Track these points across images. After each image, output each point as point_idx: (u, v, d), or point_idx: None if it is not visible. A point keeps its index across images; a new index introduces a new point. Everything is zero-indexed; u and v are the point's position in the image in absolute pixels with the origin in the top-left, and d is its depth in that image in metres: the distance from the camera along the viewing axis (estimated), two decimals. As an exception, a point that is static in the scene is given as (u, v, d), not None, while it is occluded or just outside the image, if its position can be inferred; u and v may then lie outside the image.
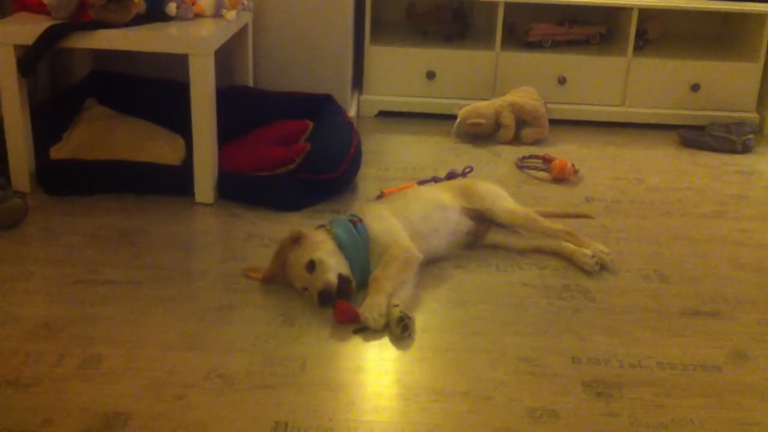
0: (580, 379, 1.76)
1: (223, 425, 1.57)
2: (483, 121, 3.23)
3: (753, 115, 3.47)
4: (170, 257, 2.22)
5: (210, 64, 2.44)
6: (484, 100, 3.34)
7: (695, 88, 3.44)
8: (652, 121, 3.49)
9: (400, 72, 3.48)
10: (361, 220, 2.13)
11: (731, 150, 3.23)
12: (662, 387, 1.75)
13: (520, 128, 3.26)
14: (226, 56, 2.94)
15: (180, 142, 2.70)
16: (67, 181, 2.55)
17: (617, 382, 1.76)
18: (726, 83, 3.45)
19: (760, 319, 2.04)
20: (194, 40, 2.43)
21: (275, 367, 1.75)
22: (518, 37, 3.57)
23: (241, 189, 2.56)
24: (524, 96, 3.30)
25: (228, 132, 2.71)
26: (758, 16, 3.42)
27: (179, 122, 2.61)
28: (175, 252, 2.25)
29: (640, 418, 1.64)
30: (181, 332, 1.87)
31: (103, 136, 2.66)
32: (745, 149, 3.24)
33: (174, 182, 2.55)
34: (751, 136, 3.26)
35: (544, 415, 1.64)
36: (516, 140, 3.24)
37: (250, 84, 3.08)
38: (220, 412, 1.61)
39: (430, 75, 3.47)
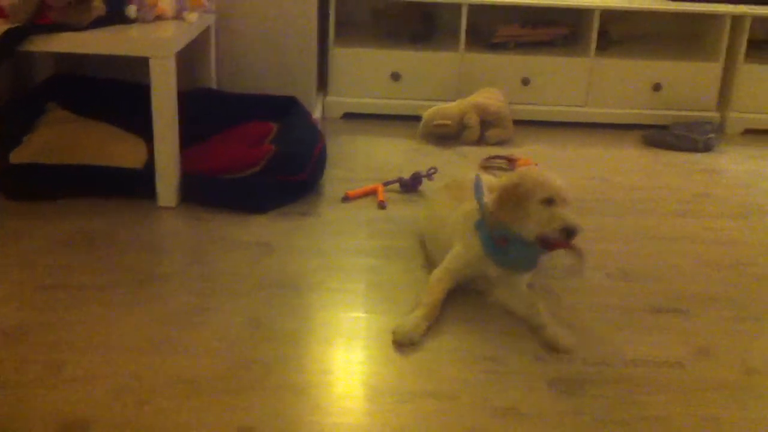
0: (545, 378, 1.77)
1: (187, 431, 1.55)
2: (448, 122, 3.23)
3: (714, 115, 3.52)
4: (134, 261, 2.19)
5: (171, 66, 2.41)
6: (449, 101, 3.35)
7: (657, 88, 3.49)
8: (616, 121, 3.53)
9: (365, 74, 3.47)
10: None
11: (693, 149, 3.27)
12: (627, 384, 1.76)
13: (484, 129, 3.27)
14: (189, 59, 2.91)
15: (142, 145, 2.66)
16: (27, 185, 2.51)
17: (582, 380, 1.76)
18: (687, 83, 3.49)
19: (724, 316, 2.06)
20: (155, 43, 2.41)
21: (240, 371, 1.74)
22: (483, 38, 3.59)
23: (205, 192, 2.54)
24: (489, 97, 3.31)
25: (192, 134, 2.68)
26: (718, 17, 3.47)
27: (142, 125, 2.58)
28: (139, 256, 2.22)
29: (604, 416, 1.65)
30: (145, 337, 1.85)
31: (65, 139, 2.62)
32: (707, 148, 3.28)
33: (137, 186, 2.52)
34: (712, 135, 3.31)
35: (509, 414, 1.65)
36: (481, 141, 3.26)
37: (214, 86, 3.05)
38: (184, 418, 1.59)
39: (395, 76, 3.47)
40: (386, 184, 2.75)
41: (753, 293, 2.18)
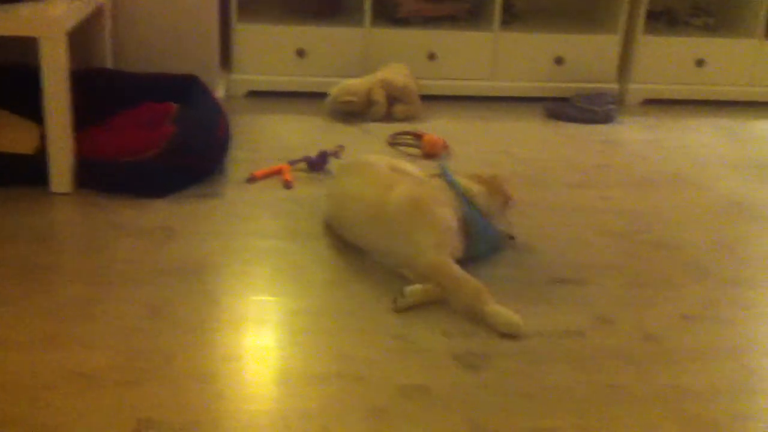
0: (451, 353, 1.78)
1: (84, 426, 1.50)
2: (354, 98, 3.21)
3: (613, 86, 3.59)
4: (25, 252, 2.10)
5: (62, 46, 2.32)
6: (355, 77, 3.32)
7: (559, 61, 3.54)
8: (520, 94, 3.57)
9: (269, 50, 3.41)
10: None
11: (594, 120, 3.34)
12: (530, 355, 1.79)
13: (391, 105, 3.26)
14: (83, 37, 2.81)
15: (34, 129, 2.56)
16: None
17: (486, 353, 1.78)
18: (588, 55, 3.55)
19: (622, 284, 2.11)
20: (45, 22, 2.30)
21: (139, 361, 1.69)
22: (388, 13, 3.57)
23: (102, 177, 2.45)
24: (395, 73, 3.30)
25: (87, 117, 2.58)
26: (616, -10, 3.54)
27: (33, 108, 2.47)
28: (30, 246, 2.13)
29: (509, 389, 1.67)
30: (36, 330, 1.77)
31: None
32: (607, 119, 3.35)
33: (28, 172, 2.42)
34: (612, 106, 3.38)
35: (415, 392, 1.65)
36: (388, 117, 3.25)
37: (110, 66, 2.95)
38: (80, 413, 1.53)
39: (301, 53, 3.42)
40: (292, 163, 2.72)
41: (649, 261, 2.24)
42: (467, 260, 2.07)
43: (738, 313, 2.00)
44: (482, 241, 2.14)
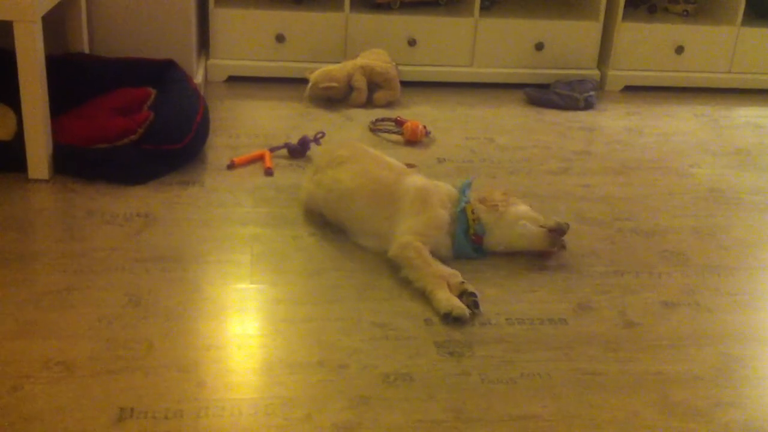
0: (433, 341, 1.78)
1: (64, 415, 1.48)
2: (335, 84, 3.19)
3: (594, 72, 3.60)
4: (1, 239, 2.06)
5: (37, 30, 2.27)
6: (335, 63, 3.30)
7: (539, 47, 3.53)
8: (500, 80, 3.56)
9: (248, 35, 3.38)
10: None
11: (574, 107, 3.34)
12: (511, 343, 1.79)
13: (372, 91, 3.25)
14: (58, 21, 2.76)
15: (11, 115, 2.51)
16: None
17: (468, 341, 1.79)
18: (568, 42, 3.55)
19: (602, 271, 2.12)
20: (18, 5, 2.25)
21: (119, 350, 1.67)
22: (367, -2, 3.55)
23: (80, 163, 2.42)
24: (375, 58, 3.28)
25: (64, 102, 2.54)
26: (597, -24, 3.54)
27: (9, 93, 2.43)
28: (6, 234, 2.09)
29: (490, 375, 1.68)
30: (15, 319, 1.75)
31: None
32: (588, 106, 3.36)
33: (6, 158, 2.38)
34: (592, 92, 3.38)
35: (398, 379, 1.65)
36: (368, 103, 3.23)
37: (86, 50, 2.90)
38: (60, 402, 1.52)
39: (280, 38, 3.39)
40: (273, 150, 2.70)
41: (630, 248, 2.25)
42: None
43: (719, 300, 2.01)
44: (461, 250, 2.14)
